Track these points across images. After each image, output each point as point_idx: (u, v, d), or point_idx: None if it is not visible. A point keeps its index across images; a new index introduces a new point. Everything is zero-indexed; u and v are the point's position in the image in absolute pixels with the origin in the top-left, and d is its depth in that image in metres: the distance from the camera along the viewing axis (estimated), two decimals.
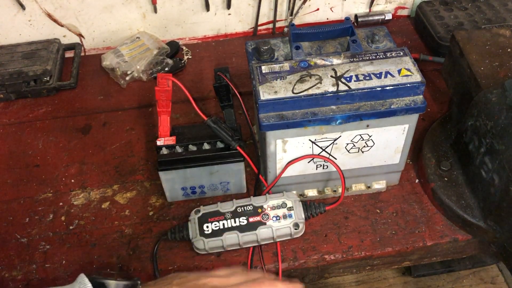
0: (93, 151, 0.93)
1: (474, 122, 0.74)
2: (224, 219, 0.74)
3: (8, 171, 0.90)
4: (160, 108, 0.79)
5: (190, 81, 1.06)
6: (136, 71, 1.05)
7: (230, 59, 1.12)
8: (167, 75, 0.78)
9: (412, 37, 1.15)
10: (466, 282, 1.40)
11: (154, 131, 0.95)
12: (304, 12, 1.16)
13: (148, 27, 1.13)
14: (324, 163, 0.77)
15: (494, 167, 0.70)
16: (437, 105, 0.98)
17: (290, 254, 0.76)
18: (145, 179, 0.87)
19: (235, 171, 0.79)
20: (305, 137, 0.72)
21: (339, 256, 0.76)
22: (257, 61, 0.76)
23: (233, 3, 1.11)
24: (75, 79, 1.06)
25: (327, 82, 0.69)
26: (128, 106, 1.02)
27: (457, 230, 0.78)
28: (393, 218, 0.80)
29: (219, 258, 0.76)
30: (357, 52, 0.73)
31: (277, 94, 0.68)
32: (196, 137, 0.79)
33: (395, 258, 0.79)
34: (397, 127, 0.72)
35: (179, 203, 0.83)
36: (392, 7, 1.19)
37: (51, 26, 1.09)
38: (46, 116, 1.01)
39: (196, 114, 0.76)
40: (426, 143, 0.86)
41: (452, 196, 0.78)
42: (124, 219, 0.82)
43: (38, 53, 1.06)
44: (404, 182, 0.85)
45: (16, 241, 0.80)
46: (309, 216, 0.77)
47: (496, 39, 0.82)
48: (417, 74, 0.69)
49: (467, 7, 1.12)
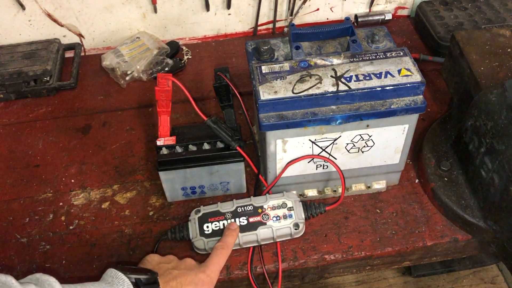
0: (93, 151, 0.93)
1: (474, 122, 0.74)
2: (224, 219, 0.74)
3: (8, 171, 0.91)
4: (160, 108, 0.79)
5: (190, 81, 1.06)
6: (136, 71, 1.05)
7: (230, 59, 1.12)
8: (167, 75, 0.78)
9: (412, 37, 1.15)
10: (466, 282, 1.40)
11: (154, 131, 0.95)
12: (304, 12, 1.16)
13: (148, 27, 1.13)
14: (324, 163, 0.77)
15: (494, 167, 0.70)
16: (437, 105, 0.98)
17: (290, 254, 0.77)
18: (145, 179, 0.87)
19: (235, 171, 0.79)
20: (305, 137, 0.72)
21: (339, 256, 0.76)
22: (257, 61, 0.76)
23: (233, 3, 1.11)
24: (75, 79, 1.06)
25: (327, 82, 0.69)
26: (128, 106, 1.02)
27: (457, 230, 0.78)
28: (393, 218, 0.80)
29: None
30: (357, 52, 0.73)
31: (277, 94, 0.68)
32: (196, 137, 0.79)
33: (395, 258, 0.79)
34: (397, 127, 0.72)
35: (179, 203, 0.83)
36: (392, 7, 1.19)
37: (51, 26, 1.09)
38: (46, 116, 1.01)
39: (196, 114, 0.76)
40: (426, 143, 0.86)
41: (452, 196, 0.78)
42: (124, 219, 0.82)
43: (38, 53, 1.06)
44: (404, 182, 0.85)
45: (16, 241, 0.80)
46: (309, 216, 0.77)
47: (496, 39, 0.82)
48: (417, 74, 0.69)
49: (467, 7, 1.12)
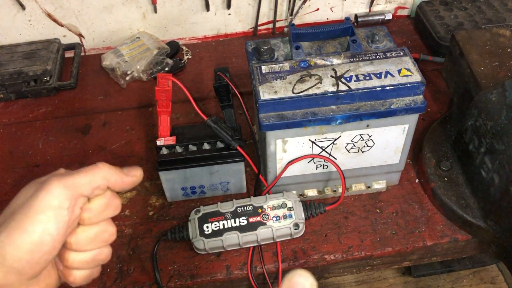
0: (93, 151, 0.93)
1: (474, 122, 0.74)
2: (224, 219, 0.74)
3: (8, 171, 0.90)
4: (160, 108, 0.79)
5: (190, 81, 1.06)
6: (136, 71, 1.05)
7: (230, 59, 1.12)
8: (167, 75, 0.78)
9: (412, 37, 1.15)
10: (466, 282, 1.40)
11: (154, 131, 0.95)
12: (304, 12, 1.16)
13: (148, 27, 1.13)
14: (324, 163, 0.77)
15: (494, 167, 0.70)
16: (437, 105, 0.98)
17: (290, 254, 0.77)
18: (145, 179, 0.87)
19: (235, 171, 0.79)
20: (305, 137, 0.72)
21: (339, 256, 0.76)
22: (257, 61, 0.76)
23: (233, 3, 1.11)
24: (75, 79, 1.06)
25: (327, 82, 0.69)
26: (128, 106, 1.02)
27: (457, 230, 0.78)
28: (393, 218, 0.80)
29: (219, 258, 0.76)
30: (357, 52, 0.73)
31: (277, 94, 0.68)
32: (196, 137, 0.79)
33: (395, 258, 0.79)
34: (397, 127, 0.72)
35: (179, 203, 0.83)
36: (392, 7, 1.19)
37: (51, 26, 1.09)
38: (46, 116, 1.01)
39: (196, 114, 0.76)
40: (426, 143, 0.86)
41: (452, 196, 0.78)
42: (124, 219, 0.82)
43: (38, 53, 1.06)
44: (404, 182, 0.85)
45: None
46: (309, 216, 0.77)
47: (496, 39, 0.82)
48: (417, 74, 0.69)
49: (467, 7, 1.12)
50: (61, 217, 0.45)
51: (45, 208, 0.44)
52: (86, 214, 0.48)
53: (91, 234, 0.48)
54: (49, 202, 0.45)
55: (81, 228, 0.48)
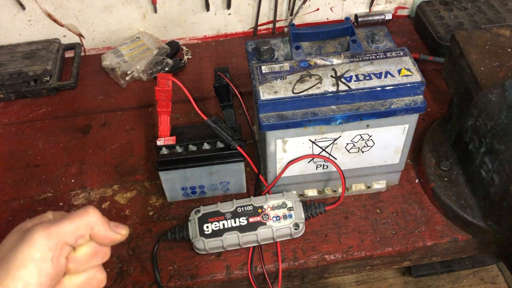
0: (93, 151, 0.93)
1: (474, 122, 0.74)
2: (224, 219, 0.74)
3: (8, 171, 0.90)
4: (160, 108, 0.79)
5: (190, 81, 1.06)
6: (136, 71, 1.05)
7: (230, 59, 1.12)
8: (167, 75, 0.78)
9: (412, 37, 1.15)
10: (466, 282, 1.40)
11: (154, 131, 0.95)
12: (304, 12, 1.16)
13: (148, 27, 1.13)
14: (324, 163, 0.77)
15: (494, 167, 0.70)
16: (437, 105, 0.98)
17: (290, 254, 0.76)
18: (145, 179, 0.87)
19: (235, 171, 0.79)
20: (305, 137, 0.72)
21: (339, 256, 0.76)
22: (257, 61, 0.76)
23: (233, 3, 1.11)
24: (75, 79, 1.06)
25: (327, 82, 0.69)
26: (128, 106, 1.02)
27: (457, 230, 0.78)
28: (393, 218, 0.80)
29: (219, 258, 0.76)
30: (357, 52, 0.73)
31: (277, 94, 0.68)
32: (196, 137, 0.79)
33: (395, 258, 0.79)
34: (397, 127, 0.72)
35: (179, 203, 0.83)
36: (392, 7, 1.19)
37: (51, 26, 1.09)
38: (46, 116, 1.01)
39: (196, 114, 0.76)
40: (426, 143, 0.86)
41: (452, 196, 0.78)
42: (124, 219, 0.82)
43: (38, 53, 1.06)
44: (404, 182, 0.85)
45: None
46: (309, 216, 0.77)
47: (496, 39, 0.82)
48: (417, 74, 0.69)
49: (467, 7, 1.12)
50: (44, 270, 0.42)
51: (26, 262, 0.42)
52: (71, 265, 0.45)
53: (78, 282, 0.46)
54: (30, 255, 0.42)
55: (67, 277, 0.46)
